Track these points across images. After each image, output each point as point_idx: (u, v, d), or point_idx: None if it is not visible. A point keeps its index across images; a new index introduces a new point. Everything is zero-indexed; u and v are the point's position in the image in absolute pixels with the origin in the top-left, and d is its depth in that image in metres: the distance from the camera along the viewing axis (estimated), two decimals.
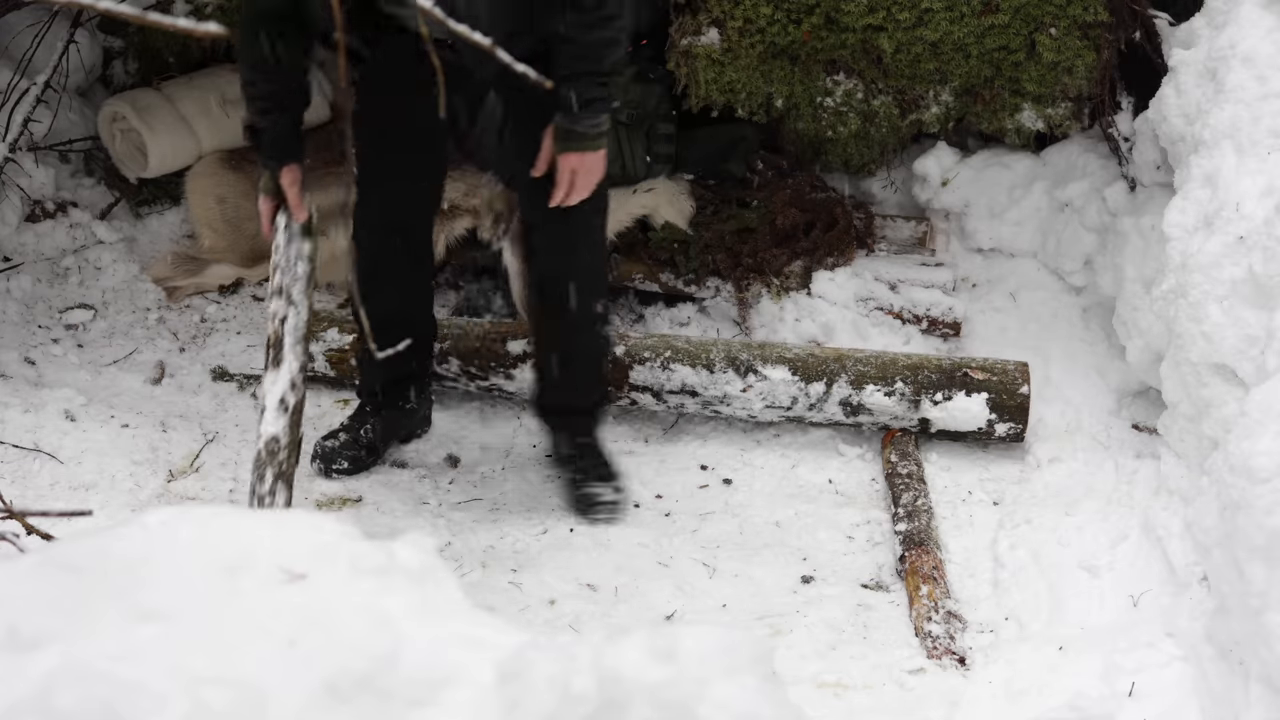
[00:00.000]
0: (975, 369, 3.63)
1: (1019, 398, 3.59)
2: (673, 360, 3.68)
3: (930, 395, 3.60)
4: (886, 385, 3.62)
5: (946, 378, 3.62)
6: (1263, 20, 3.27)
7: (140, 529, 1.44)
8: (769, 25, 4.03)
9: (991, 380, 3.61)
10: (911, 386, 3.61)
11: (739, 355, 3.68)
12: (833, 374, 3.64)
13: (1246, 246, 3.02)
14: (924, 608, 3.06)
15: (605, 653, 1.34)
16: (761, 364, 3.66)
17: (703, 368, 3.67)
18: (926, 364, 3.66)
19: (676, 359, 3.68)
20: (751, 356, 3.68)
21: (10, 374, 3.78)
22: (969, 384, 3.61)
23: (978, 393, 3.59)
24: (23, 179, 4.19)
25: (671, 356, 3.69)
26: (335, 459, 3.51)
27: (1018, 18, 3.93)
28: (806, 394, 3.64)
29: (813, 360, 3.67)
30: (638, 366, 3.69)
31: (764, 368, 3.65)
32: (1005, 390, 3.59)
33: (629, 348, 3.71)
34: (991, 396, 3.59)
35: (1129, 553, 3.15)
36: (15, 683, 1.24)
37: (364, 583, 1.41)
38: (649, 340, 3.76)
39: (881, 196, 4.54)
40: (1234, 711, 2.54)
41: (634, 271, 4.24)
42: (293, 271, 2.98)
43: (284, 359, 2.93)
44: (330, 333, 3.82)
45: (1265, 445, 2.61)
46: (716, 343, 3.76)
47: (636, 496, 3.53)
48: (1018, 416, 3.59)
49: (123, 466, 3.48)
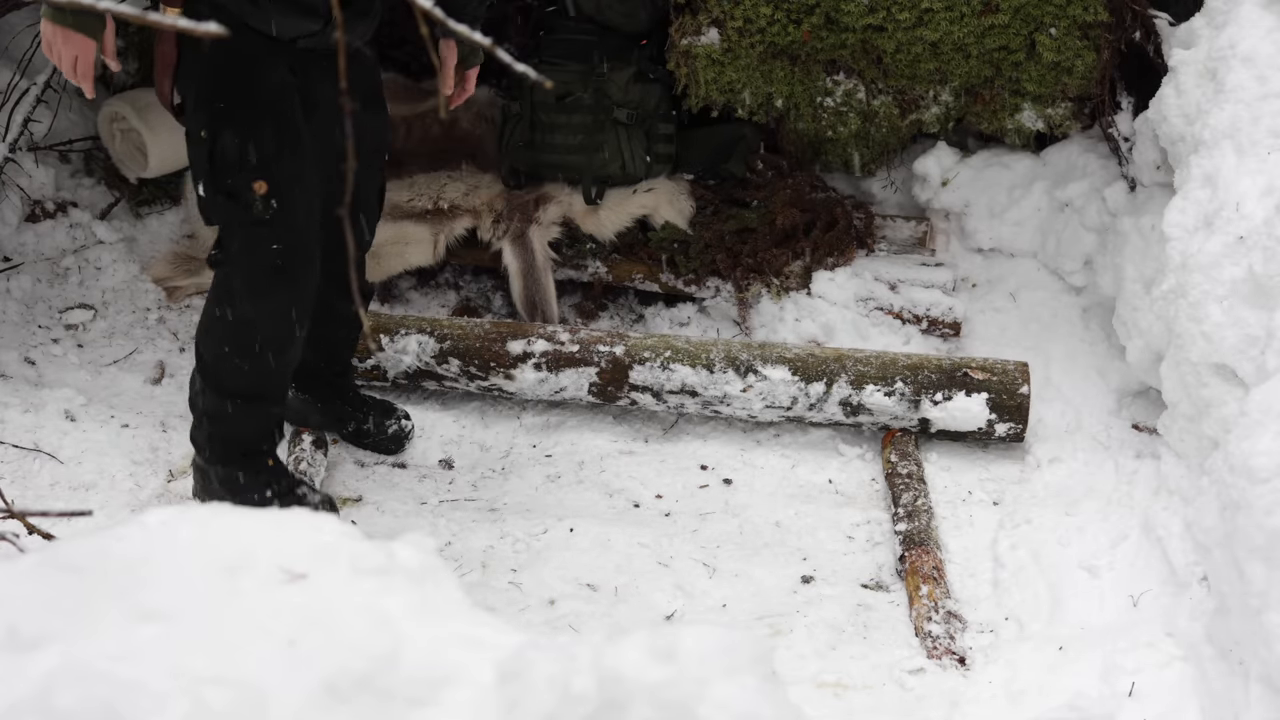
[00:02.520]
0: (975, 369, 3.63)
1: (1019, 398, 3.59)
2: (673, 360, 3.68)
3: (930, 395, 3.61)
4: (886, 385, 3.62)
5: (946, 378, 3.62)
6: (1263, 20, 3.27)
7: (140, 529, 1.44)
8: (769, 25, 4.03)
9: (991, 380, 3.61)
10: (911, 386, 3.61)
11: (739, 355, 3.68)
12: (832, 374, 3.64)
13: (1246, 246, 3.02)
14: (924, 608, 3.06)
15: (605, 653, 1.34)
16: (761, 364, 3.66)
17: (703, 368, 3.67)
18: (926, 364, 3.66)
19: (676, 359, 3.68)
20: (751, 357, 3.68)
21: (10, 374, 3.78)
22: (969, 384, 3.61)
23: (978, 393, 3.60)
24: (23, 179, 4.19)
25: (671, 357, 3.68)
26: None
27: (1018, 18, 3.93)
28: (806, 394, 3.64)
29: (812, 360, 3.67)
30: (637, 367, 3.69)
31: (764, 368, 3.65)
32: (1005, 390, 3.60)
33: (629, 348, 3.71)
34: (991, 396, 3.59)
35: (1129, 553, 3.15)
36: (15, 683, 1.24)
37: (364, 583, 1.41)
38: (649, 340, 3.75)
39: (881, 196, 4.54)
40: (1234, 711, 2.54)
41: (634, 271, 4.24)
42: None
43: None
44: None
45: (1265, 445, 2.61)
46: (716, 343, 3.75)
47: (636, 496, 3.53)
48: (1017, 416, 3.60)
49: (123, 466, 3.49)
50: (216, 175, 2.87)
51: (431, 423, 3.79)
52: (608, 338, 3.75)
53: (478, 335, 3.75)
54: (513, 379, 3.73)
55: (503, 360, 3.73)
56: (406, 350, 3.74)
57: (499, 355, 3.73)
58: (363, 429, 3.61)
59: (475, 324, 3.80)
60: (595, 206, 4.21)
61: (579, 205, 4.22)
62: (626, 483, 3.57)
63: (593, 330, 3.82)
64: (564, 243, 4.24)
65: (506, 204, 4.20)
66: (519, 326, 3.81)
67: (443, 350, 3.73)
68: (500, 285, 4.32)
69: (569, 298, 4.36)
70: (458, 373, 3.75)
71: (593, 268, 4.26)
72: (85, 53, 2.80)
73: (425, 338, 3.75)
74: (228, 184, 2.87)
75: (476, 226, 4.21)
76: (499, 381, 3.75)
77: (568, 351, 3.71)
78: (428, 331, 3.76)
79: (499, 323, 3.84)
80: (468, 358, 3.74)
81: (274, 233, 2.91)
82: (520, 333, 3.76)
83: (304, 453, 3.51)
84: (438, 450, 3.71)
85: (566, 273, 4.28)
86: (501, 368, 3.73)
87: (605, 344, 3.72)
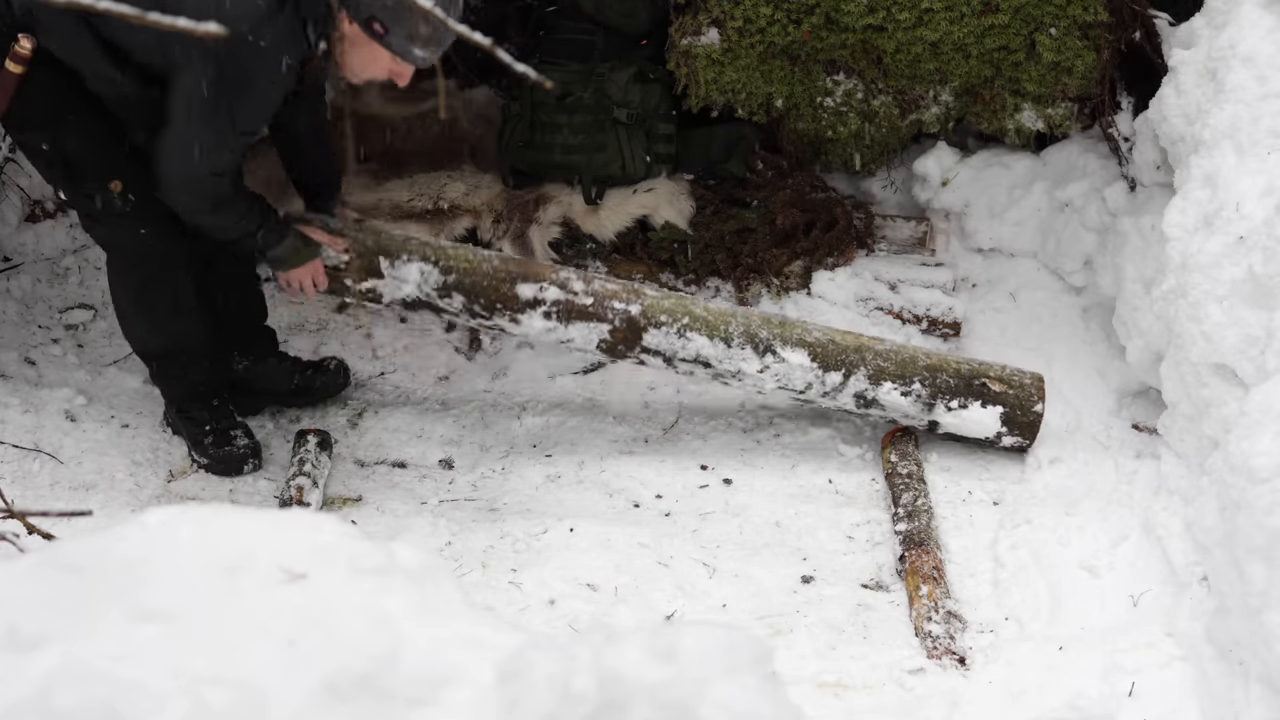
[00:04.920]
0: (993, 379, 3.55)
1: (1032, 415, 3.55)
2: (690, 329, 3.52)
3: (945, 400, 3.55)
4: (904, 384, 3.54)
5: (964, 384, 3.55)
6: (1263, 20, 3.27)
7: (140, 529, 1.44)
8: (769, 25, 4.03)
9: (1008, 393, 3.55)
10: (929, 389, 3.55)
11: (758, 332, 3.54)
12: (851, 365, 3.54)
13: (1246, 246, 3.02)
14: (924, 608, 3.06)
15: (605, 653, 1.34)
16: (781, 345, 3.53)
17: (720, 340, 3.52)
18: (945, 367, 3.58)
19: (694, 327, 3.52)
20: (771, 335, 3.54)
21: (10, 374, 3.78)
22: (985, 394, 3.55)
23: (993, 405, 3.54)
24: (23, 179, 4.19)
25: (689, 324, 3.52)
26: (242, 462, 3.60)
27: (1018, 18, 3.93)
28: (822, 381, 3.55)
29: (833, 348, 3.56)
30: (652, 330, 3.52)
31: (783, 350, 3.53)
32: (1020, 405, 3.55)
33: (645, 308, 3.52)
34: (1006, 411, 3.54)
35: (1129, 553, 3.15)
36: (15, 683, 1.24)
37: (364, 583, 1.41)
38: (666, 302, 3.55)
39: (881, 196, 4.54)
40: (1234, 711, 2.54)
41: (634, 271, 4.24)
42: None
43: None
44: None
45: (1265, 445, 2.61)
46: (736, 314, 3.58)
47: (636, 496, 3.53)
48: (1027, 433, 3.57)
49: (123, 466, 3.49)
50: (74, 182, 3.20)
51: (431, 423, 3.79)
52: (624, 293, 3.55)
53: (486, 272, 3.50)
54: (518, 323, 3.53)
55: (511, 303, 3.50)
56: (407, 279, 3.48)
57: (507, 298, 3.50)
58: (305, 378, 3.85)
59: (484, 258, 3.54)
60: (595, 206, 4.21)
61: (579, 205, 4.22)
62: (626, 483, 3.57)
63: (608, 283, 3.57)
64: (564, 243, 4.23)
65: (506, 204, 4.20)
66: (530, 267, 3.57)
67: (447, 284, 3.49)
68: None
69: None
70: (460, 308, 3.53)
71: (593, 268, 4.26)
72: (317, 270, 3.39)
73: (429, 267, 3.48)
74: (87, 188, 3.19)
75: (476, 226, 4.21)
76: (502, 323, 3.55)
77: (581, 304, 3.51)
78: (432, 260, 3.49)
79: (509, 260, 3.60)
80: (473, 295, 3.49)
81: (138, 221, 3.24)
82: (533, 275, 3.52)
83: (309, 453, 3.51)
84: (438, 450, 3.71)
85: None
86: (509, 310, 3.51)
87: (621, 300, 3.52)
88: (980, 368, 3.61)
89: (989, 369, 3.60)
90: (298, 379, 3.82)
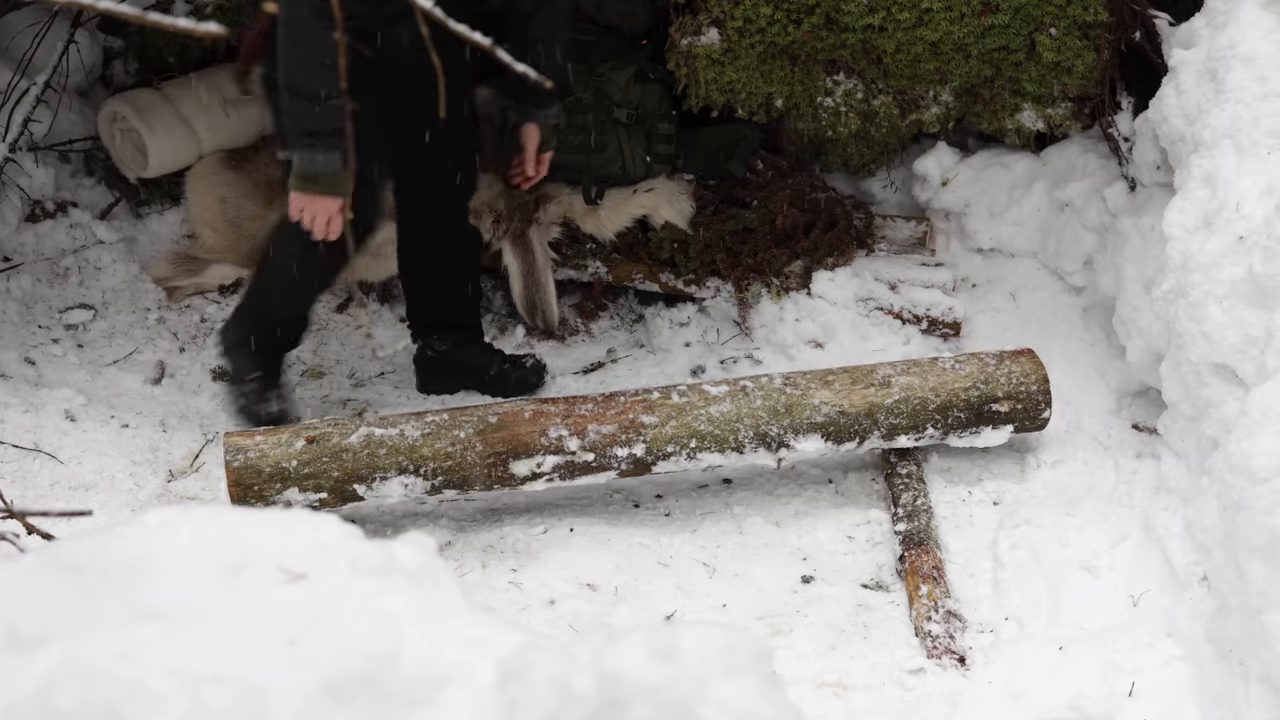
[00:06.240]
0: (1002, 399, 3.49)
1: (1040, 421, 3.54)
2: (699, 450, 3.38)
3: (958, 433, 3.52)
4: (917, 433, 3.49)
5: (975, 415, 3.49)
6: (1263, 20, 3.26)
7: (140, 529, 1.44)
8: (769, 25, 4.03)
9: (1016, 409, 3.50)
10: (941, 430, 3.50)
11: (768, 430, 3.39)
12: (865, 431, 3.45)
13: (1246, 246, 3.02)
14: (924, 607, 3.06)
15: (605, 653, 1.34)
16: (793, 436, 3.42)
17: (732, 451, 3.39)
18: (955, 402, 3.48)
19: (703, 447, 3.38)
20: (781, 430, 3.40)
21: (10, 374, 3.78)
22: (995, 418, 3.51)
23: (1004, 425, 3.52)
24: (23, 179, 4.19)
25: (698, 446, 3.37)
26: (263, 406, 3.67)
27: (1018, 18, 3.93)
28: (838, 450, 3.48)
29: (844, 420, 3.43)
30: (661, 462, 3.37)
31: (795, 440, 3.42)
32: (1028, 416, 3.51)
33: (648, 444, 3.35)
34: (1016, 425, 3.53)
35: (1129, 553, 3.15)
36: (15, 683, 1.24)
37: (364, 583, 1.41)
38: (669, 429, 3.36)
39: (881, 196, 4.53)
40: (1234, 711, 2.54)
41: (634, 271, 4.23)
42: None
43: None
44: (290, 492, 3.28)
45: (1265, 445, 2.61)
46: (742, 417, 3.39)
47: (636, 496, 3.53)
48: (1036, 428, 3.57)
49: (123, 466, 3.49)
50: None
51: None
52: (621, 433, 3.34)
53: (472, 461, 3.29)
54: (522, 492, 3.45)
55: (509, 481, 3.34)
56: (390, 494, 3.30)
57: (503, 478, 3.33)
58: (503, 370, 3.93)
59: (464, 444, 3.29)
60: (595, 206, 4.21)
61: (579, 205, 4.21)
62: (627, 482, 3.57)
63: (603, 426, 3.35)
64: (564, 243, 4.23)
65: (506, 204, 4.19)
66: (517, 434, 3.32)
67: (435, 486, 3.30)
68: (500, 285, 4.32)
69: (569, 298, 4.36)
70: (456, 496, 3.40)
71: (593, 268, 4.26)
72: (335, 213, 3.13)
73: (411, 478, 3.28)
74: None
75: (477, 227, 4.21)
76: (504, 495, 3.48)
77: (582, 461, 3.33)
78: (412, 470, 3.27)
79: (487, 431, 3.32)
80: (466, 485, 3.33)
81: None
82: (523, 447, 3.31)
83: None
84: None
85: (567, 273, 4.28)
86: (508, 486, 3.36)
87: (622, 444, 3.34)
88: (988, 390, 3.49)
89: (997, 388, 3.50)
90: (495, 369, 3.91)
